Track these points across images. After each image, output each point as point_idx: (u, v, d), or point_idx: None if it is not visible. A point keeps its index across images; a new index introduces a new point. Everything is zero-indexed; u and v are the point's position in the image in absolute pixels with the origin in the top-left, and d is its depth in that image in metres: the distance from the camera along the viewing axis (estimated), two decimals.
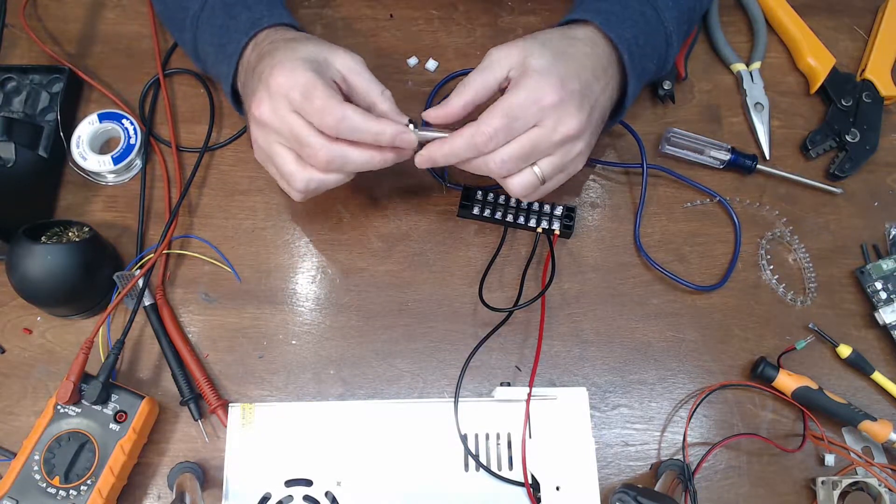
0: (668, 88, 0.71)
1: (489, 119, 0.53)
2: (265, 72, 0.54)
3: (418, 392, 0.62)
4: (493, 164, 0.54)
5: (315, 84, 0.52)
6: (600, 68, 0.57)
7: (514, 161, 0.54)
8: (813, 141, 0.70)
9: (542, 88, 0.53)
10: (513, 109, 0.53)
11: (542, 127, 0.53)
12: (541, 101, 0.53)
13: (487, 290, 0.64)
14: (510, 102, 0.53)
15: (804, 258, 0.67)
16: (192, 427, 0.60)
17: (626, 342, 0.64)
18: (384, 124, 0.54)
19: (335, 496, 0.54)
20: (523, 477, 0.55)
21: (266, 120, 0.54)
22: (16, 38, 0.72)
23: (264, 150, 0.56)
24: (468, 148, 0.54)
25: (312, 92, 0.52)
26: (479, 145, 0.53)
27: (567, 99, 0.53)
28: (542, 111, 0.53)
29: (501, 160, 0.54)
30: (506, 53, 0.55)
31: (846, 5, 0.77)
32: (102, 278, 0.61)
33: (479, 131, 0.53)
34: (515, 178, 0.56)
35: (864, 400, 0.63)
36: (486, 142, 0.53)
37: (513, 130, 0.53)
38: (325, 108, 0.52)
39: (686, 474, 0.57)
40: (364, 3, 0.75)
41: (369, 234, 0.66)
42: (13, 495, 0.53)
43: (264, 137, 0.55)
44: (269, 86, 0.53)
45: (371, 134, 0.54)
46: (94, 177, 0.67)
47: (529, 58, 0.54)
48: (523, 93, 0.53)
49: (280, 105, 0.53)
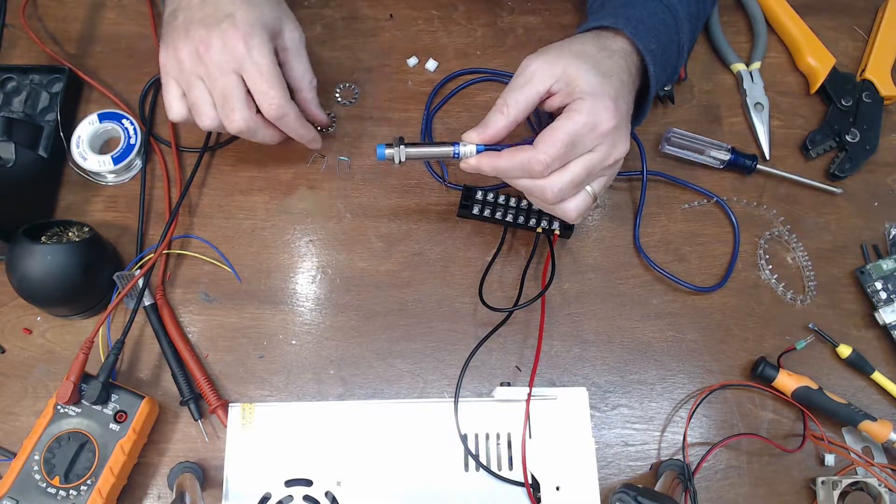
0: (668, 90, 0.71)
1: (547, 148, 0.51)
2: (223, 21, 0.55)
3: (418, 392, 0.62)
4: (549, 194, 0.53)
5: (274, 73, 0.56)
6: (632, 82, 0.56)
7: (573, 187, 0.53)
8: (813, 141, 0.70)
9: (599, 113, 0.51)
10: (572, 137, 0.51)
11: (596, 152, 0.52)
12: (598, 126, 0.51)
13: (487, 290, 0.64)
14: (568, 130, 0.51)
15: (803, 256, 0.67)
16: (192, 427, 0.60)
17: (626, 342, 0.64)
18: (310, 131, 0.62)
19: (335, 496, 0.54)
20: (523, 477, 0.55)
21: (207, 60, 0.55)
22: (16, 38, 0.72)
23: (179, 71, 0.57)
24: (521, 171, 0.53)
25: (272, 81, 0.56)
26: (534, 172, 0.52)
27: (621, 124, 0.53)
28: (600, 137, 0.52)
29: (559, 189, 0.53)
30: (547, 66, 0.53)
31: (846, 5, 0.77)
32: (102, 278, 0.61)
33: (537, 160, 0.51)
34: (571, 202, 0.54)
35: (864, 400, 0.63)
36: (542, 170, 0.52)
37: (570, 157, 0.52)
38: (274, 99, 0.57)
39: (686, 474, 0.57)
40: (364, 3, 0.75)
41: (369, 234, 0.66)
42: (13, 495, 0.53)
43: (190, 64, 0.56)
44: (225, 38, 0.55)
45: (297, 136, 0.61)
46: (94, 177, 0.67)
47: (576, 76, 0.52)
48: (581, 118, 0.51)
49: (228, 61, 0.55)
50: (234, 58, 0.55)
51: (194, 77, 0.57)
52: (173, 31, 0.57)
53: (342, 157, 0.68)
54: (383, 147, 0.56)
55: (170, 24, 0.58)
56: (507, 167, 0.53)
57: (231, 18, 0.55)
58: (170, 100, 0.59)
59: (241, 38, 0.55)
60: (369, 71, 0.72)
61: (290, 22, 0.60)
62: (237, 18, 0.55)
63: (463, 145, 0.55)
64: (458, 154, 0.55)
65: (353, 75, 0.72)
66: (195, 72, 0.56)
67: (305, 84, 0.62)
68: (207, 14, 0.56)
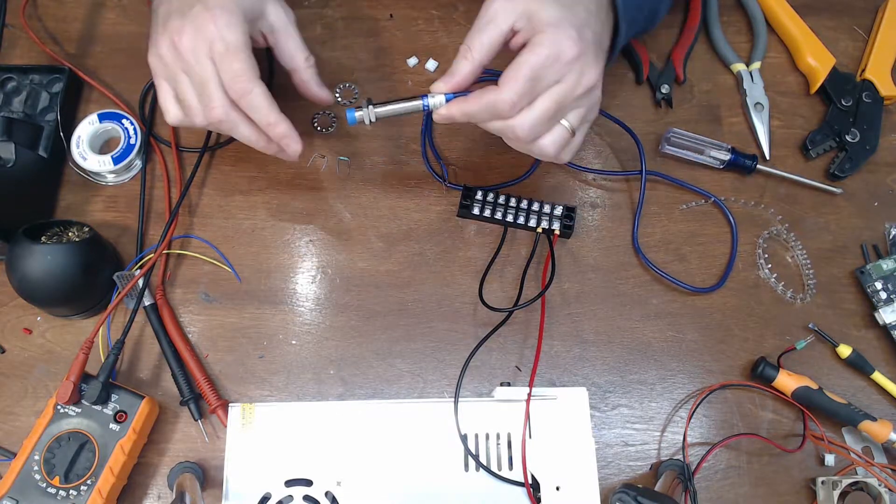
0: (666, 92, 0.71)
1: (511, 85, 0.50)
2: (195, 5, 0.53)
3: (418, 392, 0.62)
4: (520, 130, 0.52)
5: (240, 48, 0.53)
6: (604, 13, 0.55)
7: (544, 122, 0.52)
8: (813, 141, 0.70)
9: (561, 43, 0.50)
10: (535, 71, 0.50)
11: (564, 83, 0.51)
12: (561, 56, 0.50)
13: (487, 290, 0.64)
14: (531, 64, 0.50)
15: (802, 255, 0.67)
16: (192, 427, 0.60)
17: (626, 342, 0.64)
18: (281, 120, 0.55)
19: (335, 496, 0.54)
20: (523, 477, 0.55)
21: (182, 49, 0.53)
22: (16, 38, 0.72)
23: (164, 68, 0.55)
24: (490, 114, 0.52)
25: (236, 53, 0.53)
26: (502, 112, 0.51)
27: (586, 51, 0.51)
28: (565, 66, 0.50)
29: (529, 126, 0.52)
30: (508, 4, 0.52)
31: (846, 5, 0.77)
32: (102, 278, 0.61)
33: (502, 100, 0.50)
34: (546, 138, 0.53)
35: (864, 400, 0.63)
36: (509, 109, 0.51)
37: (535, 92, 0.51)
38: (239, 74, 0.53)
39: (686, 474, 0.57)
40: (364, 3, 0.75)
41: (369, 234, 0.66)
42: (13, 495, 0.53)
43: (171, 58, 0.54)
44: (197, 23, 0.53)
45: (265, 121, 0.55)
46: (94, 177, 0.67)
47: (537, 10, 0.51)
48: (543, 50, 0.50)
49: (201, 46, 0.53)
50: (206, 41, 0.52)
51: (178, 72, 0.54)
52: (155, 28, 0.56)
53: (342, 157, 0.68)
54: (353, 111, 0.56)
55: (154, 21, 0.56)
56: (475, 110, 0.52)
57: (203, 2, 0.53)
58: (164, 103, 0.56)
59: (212, 19, 0.52)
60: (369, 71, 0.72)
61: (273, 2, 0.57)
62: (211, 3, 0.53)
63: (431, 97, 0.54)
64: (428, 106, 0.55)
65: (353, 75, 0.72)
66: (177, 66, 0.54)
67: (300, 62, 0.58)
68: (182, 3, 0.54)
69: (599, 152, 0.70)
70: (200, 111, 0.55)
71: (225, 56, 0.53)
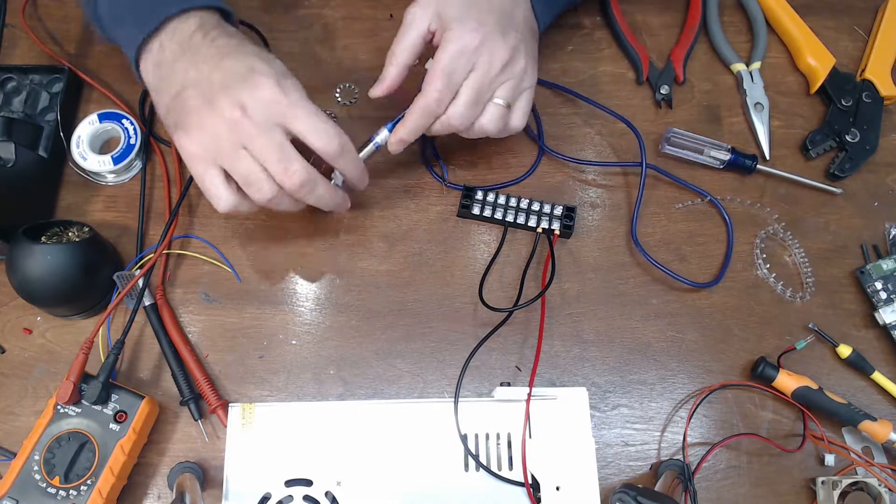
0: (666, 93, 0.71)
1: (432, 84, 0.56)
2: (248, 77, 0.51)
3: (418, 392, 0.62)
4: (454, 120, 0.57)
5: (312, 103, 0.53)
6: None
7: (470, 107, 0.57)
8: (813, 141, 0.70)
9: (464, 36, 0.55)
10: (446, 66, 0.55)
11: (478, 69, 0.56)
12: (467, 48, 0.55)
13: (487, 290, 0.64)
14: (442, 60, 0.55)
15: (799, 253, 0.67)
16: (192, 427, 0.60)
17: (626, 342, 0.64)
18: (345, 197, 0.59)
19: (335, 496, 0.54)
20: (523, 477, 0.55)
21: (246, 123, 0.51)
22: (16, 38, 0.72)
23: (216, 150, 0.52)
24: (425, 116, 0.57)
25: (313, 109, 0.53)
26: (432, 111, 0.56)
27: (489, 35, 0.55)
28: (473, 55, 0.55)
29: (460, 114, 0.57)
30: (421, 10, 0.57)
31: (846, 5, 0.77)
32: (102, 278, 0.61)
33: (428, 102, 0.56)
34: (482, 118, 0.58)
35: (864, 400, 0.63)
36: (436, 106, 0.56)
37: (455, 84, 0.56)
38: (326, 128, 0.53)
39: (686, 474, 0.57)
40: (364, 3, 0.75)
41: (369, 234, 0.66)
42: (13, 495, 0.53)
43: (228, 136, 0.51)
44: (257, 90, 0.51)
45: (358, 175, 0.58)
46: (94, 177, 0.67)
47: (444, 9, 0.56)
48: (450, 46, 0.55)
49: (268, 112, 0.51)
50: (274, 107, 0.51)
51: (237, 149, 0.51)
52: (190, 113, 0.52)
53: None
54: None
55: (181, 107, 0.52)
56: (414, 121, 0.57)
57: (252, 71, 0.51)
58: (215, 190, 0.53)
59: (275, 86, 0.51)
60: (369, 71, 0.72)
61: (292, 76, 0.55)
62: (258, 71, 0.52)
63: (377, 135, 0.60)
64: (379, 144, 0.60)
65: (353, 75, 0.72)
66: (237, 142, 0.51)
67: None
68: (225, 79, 0.51)
69: (599, 152, 0.70)
70: (268, 181, 0.52)
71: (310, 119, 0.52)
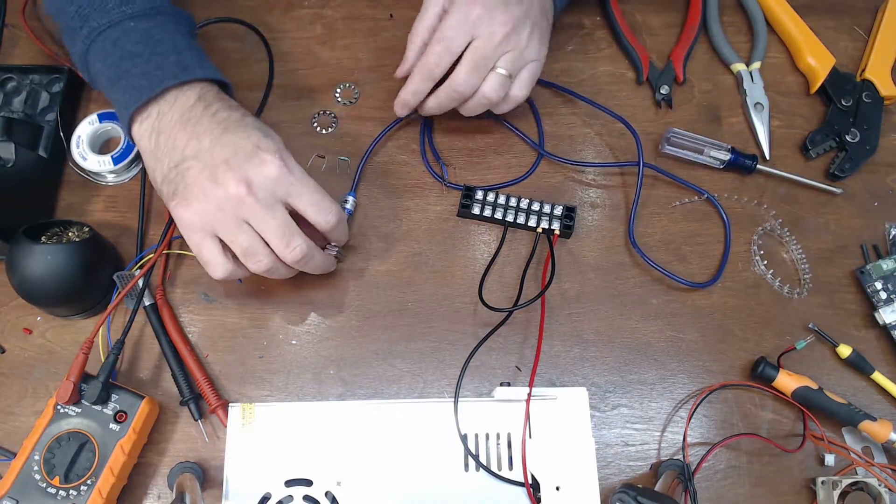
0: (666, 93, 0.71)
1: (431, 46, 0.59)
2: (254, 156, 0.52)
3: (418, 392, 0.62)
4: (457, 85, 0.59)
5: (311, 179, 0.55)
6: None
7: (472, 73, 0.59)
8: (813, 141, 0.70)
9: (468, 5, 0.58)
10: (446, 32, 0.58)
11: (480, 37, 0.58)
12: (468, 16, 0.58)
13: (487, 290, 0.64)
14: (442, 28, 0.59)
15: (797, 250, 0.67)
16: (192, 427, 0.60)
17: (626, 342, 0.64)
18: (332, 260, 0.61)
19: (335, 496, 0.54)
20: (523, 477, 0.55)
21: (251, 200, 0.52)
22: (16, 38, 0.72)
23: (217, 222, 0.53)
24: (425, 78, 0.61)
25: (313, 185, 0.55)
26: (431, 72, 0.60)
27: (491, 6, 0.58)
28: (474, 24, 0.58)
29: (462, 79, 0.59)
30: None
31: (846, 5, 0.77)
32: (102, 278, 0.61)
33: (426, 60, 0.60)
34: (484, 86, 0.60)
35: (864, 400, 0.63)
36: (434, 67, 0.60)
37: (455, 49, 0.59)
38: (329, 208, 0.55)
39: (686, 474, 0.57)
40: (364, 3, 0.75)
41: (369, 234, 0.66)
42: (13, 495, 0.53)
43: (232, 210, 0.52)
44: (264, 169, 0.52)
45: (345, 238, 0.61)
46: (94, 177, 0.67)
47: None
48: (452, 15, 0.58)
49: (273, 190, 0.53)
50: (280, 185, 0.53)
51: (239, 223, 0.52)
52: (191, 185, 0.52)
53: (342, 157, 0.68)
54: None
55: (178, 180, 0.53)
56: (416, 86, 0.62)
57: (258, 148, 0.52)
58: (211, 260, 0.54)
59: (279, 164, 0.52)
60: (369, 71, 0.72)
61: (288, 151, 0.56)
62: (263, 148, 0.53)
63: (345, 201, 0.65)
64: (349, 210, 0.65)
65: (353, 75, 0.72)
66: (239, 216, 0.52)
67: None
68: (229, 154, 0.52)
69: (599, 152, 0.70)
70: (267, 255, 0.54)
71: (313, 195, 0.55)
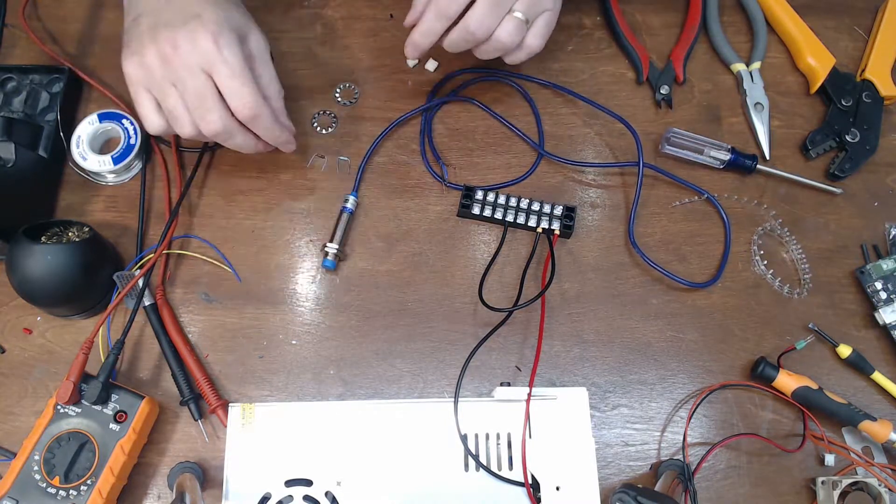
0: (666, 93, 0.71)
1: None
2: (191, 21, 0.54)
3: (418, 392, 0.62)
4: (472, 25, 0.57)
5: (245, 71, 0.55)
6: None
7: (489, 14, 0.57)
8: (813, 141, 0.70)
9: None
10: None
11: None
12: None
13: (487, 290, 0.64)
14: None
15: (797, 250, 0.67)
16: (192, 427, 0.60)
17: (626, 342, 0.64)
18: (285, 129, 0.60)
19: (335, 496, 0.54)
20: (523, 477, 0.55)
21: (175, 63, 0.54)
22: (16, 38, 0.72)
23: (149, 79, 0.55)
24: (439, 18, 0.58)
25: (244, 78, 0.55)
26: (444, 11, 0.58)
27: None
28: None
29: (478, 19, 0.57)
30: None
31: (846, 5, 0.77)
32: (102, 278, 0.61)
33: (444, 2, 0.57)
34: (499, 30, 0.58)
35: (864, 400, 0.63)
36: (447, 5, 0.57)
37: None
38: (248, 100, 0.55)
39: (686, 474, 0.57)
40: (364, 3, 0.75)
41: (369, 234, 0.66)
42: (13, 495, 0.53)
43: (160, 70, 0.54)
44: (194, 38, 0.54)
45: (272, 136, 0.59)
46: (94, 177, 0.67)
47: None
48: None
49: (196, 60, 0.54)
50: (204, 57, 0.54)
51: (166, 83, 0.55)
52: (138, 38, 0.55)
53: (342, 157, 0.68)
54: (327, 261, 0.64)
55: (132, 31, 0.56)
56: (428, 26, 0.59)
57: (198, 18, 0.54)
58: (145, 113, 0.57)
59: (210, 37, 0.54)
60: (369, 71, 0.72)
61: (255, 29, 0.58)
62: (204, 18, 0.54)
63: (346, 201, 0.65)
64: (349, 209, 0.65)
65: (353, 75, 0.72)
66: (166, 77, 0.55)
67: (273, 93, 0.60)
68: (173, 16, 0.55)
69: (599, 152, 0.70)
70: (190, 122, 0.56)
71: (231, 79, 0.54)
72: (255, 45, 0.58)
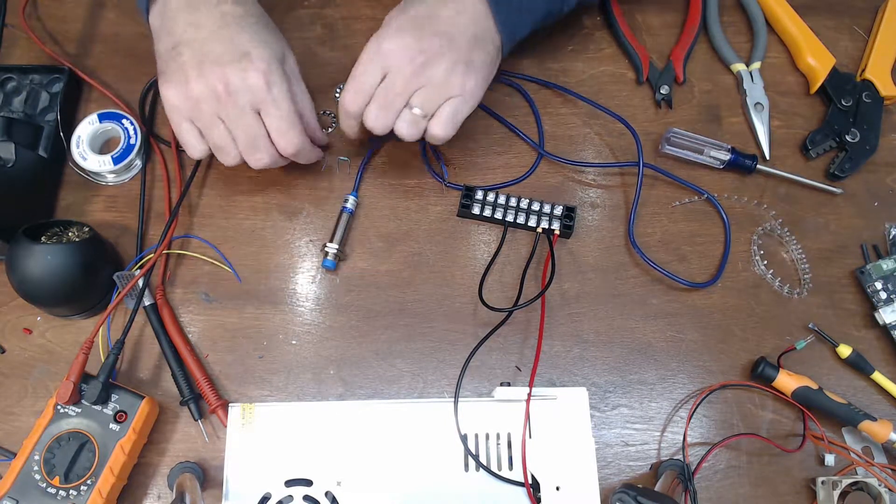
0: (666, 93, 0.71)
1: (346, 86, 0.58)
2: (241, 60, 0.55)
3: (418, 392, 0.62)
4: (368, 123, 0.58)
5: (294, 114, 0.58)
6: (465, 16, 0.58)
7: (381, 112, 0.57)
8: (813, 141, 0.70)
9: (377, 41, 0.57)
10: (357, 70, 0.57)
11: (390, 73, 0.56)
12: (377, 53, 0.56)
13: (487, 290, 0.64)
14: (356, 66, 0.57)
15: (797, 250, 0.67)
16: (192, 427, 0.60)
17: (626, 342, 0.64)
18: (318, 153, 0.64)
19: (335, 496, 0.54)
20: (523, 477, 0.55)
21: (227, 101, 0.55)
22: (16, 38, 0.72)
23: (195, 111, 0.56)
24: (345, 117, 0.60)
25: (291, 121, 0.57)
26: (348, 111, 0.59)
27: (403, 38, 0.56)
28: (384, 60, 0.56)
29: (372, 118, 0.58)
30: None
31: (846, 5, 0.77)
32: (102, 278, 0.61)
33: (342, 101, 0.59)
34: (398, 123, 0.58)
35: (864, 400, 0.63)
36: (350, 107, 0.58)
37: (367, 88, 0.57)
38: (295, 140, 0.58)
39: (686, 474, 0.57)
40: (364, 3, 0.75)
41: (369, 234, 0.66)
42: (13, 495, 0.53)
43: (208, 105, 0.56)
44: (246, 77, 0.55)
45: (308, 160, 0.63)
46: (94, 177, 0.67)
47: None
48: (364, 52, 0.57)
49: (248, 100, 0.56)
50: (255, 96, 0.56)
51: (214, 118, 0.56)
52: (179, 69, 0.56)
53: (342, 157, 0.68)
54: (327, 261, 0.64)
55: (173, 60, 0.56)
56: (342, 124, 0.61)
57: (248, 56, 0.55)
58: (189, 140, 0.58)
59: (262, 77, 0.55)
60: None
61: (289, 50, 0.60)
62: (254, 56, 0.55)
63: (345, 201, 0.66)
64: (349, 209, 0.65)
65: None
66: (215, 112, 0.56)
67: (308, 111, 0.61)
68: (222, 52, 0.55)
69: (599, 152, 0.70)
70: (236, 156, 0.58)
71: (280, 121, 0.57)
72: (290, 68, 0.60)
